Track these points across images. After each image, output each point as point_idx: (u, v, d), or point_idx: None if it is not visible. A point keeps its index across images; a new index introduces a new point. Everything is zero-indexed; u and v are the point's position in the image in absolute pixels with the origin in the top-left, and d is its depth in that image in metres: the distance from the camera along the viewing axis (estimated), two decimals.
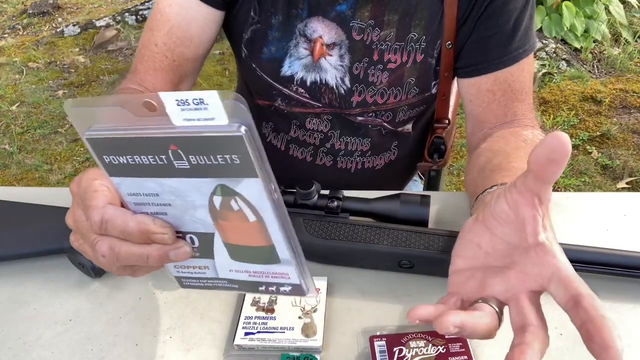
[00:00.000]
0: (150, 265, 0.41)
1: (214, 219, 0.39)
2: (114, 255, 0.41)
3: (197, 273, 0.45)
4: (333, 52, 0.79)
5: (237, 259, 0.42)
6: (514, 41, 0.75)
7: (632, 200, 0.74)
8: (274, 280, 0.43)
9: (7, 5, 3.90)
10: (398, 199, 0.63)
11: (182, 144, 0.34)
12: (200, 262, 0.43)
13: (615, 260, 0.58)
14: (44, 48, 3.28)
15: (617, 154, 2.24)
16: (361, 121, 0.86)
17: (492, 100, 0.77)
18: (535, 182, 0.38)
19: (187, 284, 0.46)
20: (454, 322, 0.37)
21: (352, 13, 0.75)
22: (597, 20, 2.93)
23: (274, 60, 0.81)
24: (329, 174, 0.93)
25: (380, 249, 0.59)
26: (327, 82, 0.81)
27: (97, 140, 0.36)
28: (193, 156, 0.35)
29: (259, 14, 0.78)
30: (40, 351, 0.56)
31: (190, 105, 0.32)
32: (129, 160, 0.36)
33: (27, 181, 2.26)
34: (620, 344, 0.33)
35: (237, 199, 0.37)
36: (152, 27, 0.78)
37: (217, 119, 0.32)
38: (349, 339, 0.56)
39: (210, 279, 0.45)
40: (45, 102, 2.78)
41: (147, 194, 0.39)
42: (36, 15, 3.68)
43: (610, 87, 2.61)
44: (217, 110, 0.32)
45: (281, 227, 0.38)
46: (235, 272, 0.43)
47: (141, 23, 3.42)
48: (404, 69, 0.80)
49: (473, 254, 0.44)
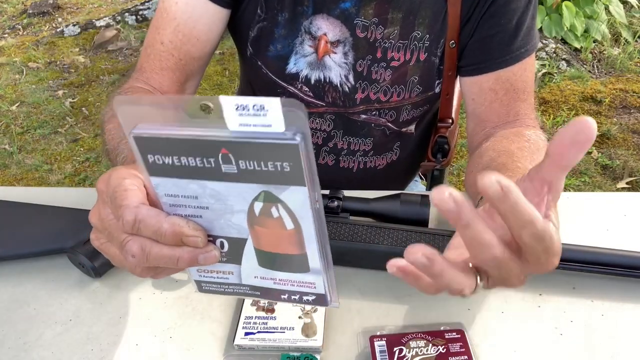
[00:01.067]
0: (179, 267, 0.41)
1: (250, 225, 0.39)
2: (144, 255, 0.40)
3: (220, 278, 0.44)
4: (337, 50, 0.79)
5: (265, 265, 0.41)
6: (516, 40, 0.75)
7: (632, 200, 0.74)
8: (299, 289, 0.42)
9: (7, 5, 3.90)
10: (398, 199, 0.63)
11: (235, 149, 0.34)
12: (226, 267, 0.43)
13: (615, 260, 0.58)
14: (44, 48, 3.28)
15: (617, 154, 2.24)
16: (364, 119, 0.86)
17: (495, 99, 0.77)
18: (550, 168, 0.37)
19: (206, 289, 0.45)
20: (425, 252, 0.35)
21: (357, 10, 0.76)
22: (597, 20, 2.93)
23: (279, 58, 0.81)
24: (330, 173, 0.93)
25: (380, 249, 0.59)
26: (331, 80, 0.81)
27: (144, 139, 0.35)
28: (243, 161, 0.34)
29: (265, 12, 0.78)
30: (40, 351, 0.56)
31: (250, 111, 0.32)
32: (175, 160, 0.36)
33: (27, 181, 2.26)
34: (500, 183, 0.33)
35: (279, 206, 0.36)
36: (158, 25, 0.78)
37: (273, 126, 0.32)
38: (349, 339, 0.56)
39: (233, 285, 0.44)
40: (45, 102, 2.78)
41: (187, 196, 0.38)
42: (36, 15, 3.68)
43: (610, 87, 2.61)
44: (276, 118, 0.32)
45: (317, 237, 0.37)
46: (260, 279, 0.42)
47: (141, 23, 3.42)
48: (407, 67, 0.80)
49: None
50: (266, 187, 0.35)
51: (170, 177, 0.37)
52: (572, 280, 0.61)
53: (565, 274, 0.62)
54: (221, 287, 0.44)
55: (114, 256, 0.43)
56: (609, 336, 0.56)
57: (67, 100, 2.78)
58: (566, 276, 0.62)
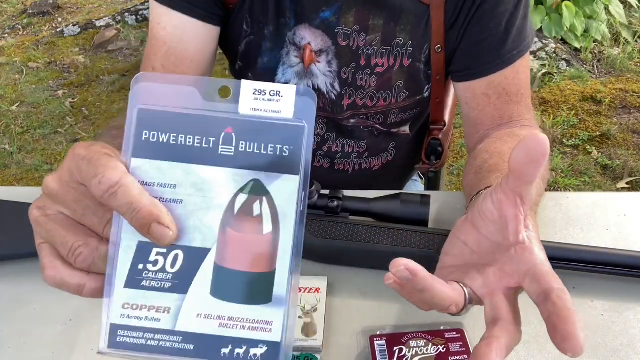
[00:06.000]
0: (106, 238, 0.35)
1: (223, 227, 0.35)
2: (94, 245, 0.35)
3: (149, 320, 0.34)
4: (321, 59, 0.79)
5: (219, 293, 0.35)
6: (506, 44, 0.75)
7: (632, 200, 0.74)
8: (249, 334, 0.34)
9: (7, 5, 3.90)
10: (398, 199, 0.63)
11: (240, 127, 0.35)
12: (165, 300, 0.35)
13: (615, 260, 0.58)
14: (44, 48, 3.28)
15: (617, 154, 2.24)
16: (354, 124, 0.87)
17: (488, 104, 0.77)
18: (515, 182, 0.38)
19: (120, 341, 0.34)
20: (408, 265, 0.36)
21: (337, 19, 0.75)
22: (597, 20, 2.93)
23: (268, 70, 0.81)
24: (326, 176, 0.93)
25: (380, 249, 0.59)
26: (319, 87, 0.81)
27: (149, 112, 0.35)
28: (244, 142, 0.35)
29: (251, 27, 0.78)
30: (40, 351, 0.56)
31: (265, 95, 0.34)
32: (172, 138, 0.35)
33: (27, 181, 2.26)
34: (582, 336, 0.33)
35: (263, 201, 0.35)
36: (149, 54, 0.76)
37: (283, 112, 0.34)
38: (349, 338, 0.56)
39: (161, 333, 0.34)
40: (45, 102, 2.78)
41: (164, 185, 0.35)
42: (36, 15, 3.68)
43: (610, 87, 2.61)
44: (288, 104, 0.34)
45: (293, 247, 0.35)
46: (204, 320, 0.34)
47: (141, 23, 3.42)
48: (391, 73, 0.79)
49: (459, 252, 0.44)
50: (258, 174, 0.35)
51: (155, 159, 0.35)
52: (572, 280, 0.61)
53: (565, 274, 0.61)
54: (142, 339, 0.34)
55: (57, 230, 0.36)
56: (609, 336, 0.56)
57: (67, 100, 2.78)
58: (566, 276, 0.61)
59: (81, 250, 0.35)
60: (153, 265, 0.35)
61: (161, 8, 0.74)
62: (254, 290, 0.35)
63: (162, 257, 0.35)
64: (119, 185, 0.33)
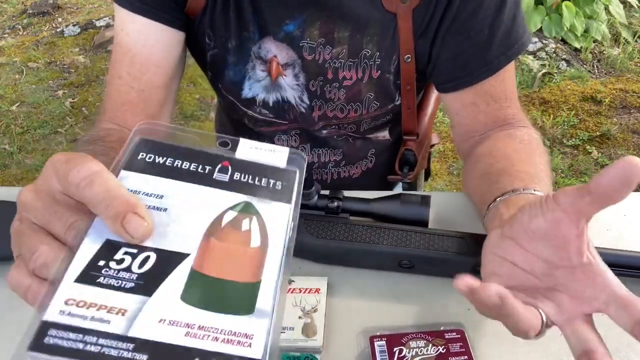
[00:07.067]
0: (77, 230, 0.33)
1: (207, 236, 0.33)
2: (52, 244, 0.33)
3: (95, 321, 0.28)
4: (287, 72, 0.77)
5: (193, 299, 0.30)
6: (490, 50, 0.71)
7: (632, 200, 0.74)
8: (221, 348, 0.29)
9: (7, 5, 3.90)
10: (398, 199, 0.63)
11: (237, 164, 0.38)
12: (122, 301, 0.29)
13: (615, 260, 0.58)
14: (44, 48, 3.28)
15: (617, 154, 2.24)
16: (326, 134, 0.86)
17: (478, 112, 0.75)
18: (594, 204, 0.38)
19: (47, 343, 0.28)
20: (498, 291, 0.36)
21: (301, 33, 0.73)
22: (597, 20, 2.93)
23: (234, 84, 0.79)
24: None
25: (380, 249, 0.59)
26: (288, 100, 0.80)
27: (149, 142, 0.37)
28: (239, 173, 0.37)
29: (214, 40, 0.76)
30: None
31: (261, 150, 0.39)
32: (167, 161, 0.37)
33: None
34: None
35: (253, 219, 0.35)
36: (114, 61, 0.74)
37: (277, 164, 0.39)
38: (349, 339, 0.56)
39: (107, 337, 0.28)
40: (45, 102, 2.78)
41: (149, 194, 0.34)
42: (36, 15, 3.68)
43: (610, 87, 2.61)
44: (281, 159, 0.39)
45: (281, 262, 0.33)
46: (167, 326, 0.29)
47: None
48: (360, 85, 0.77)
49: (509, 272, 0.43)
50: (251, 198, 0.36)
51: (146, 173, 0.35)
52: None
53: None
54: (80, 342, 0.28)
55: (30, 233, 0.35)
56: (609, 336, 0.56)
57: (67, 100, 2.78)
58: None
59: (39, 254, 0.33)
60: (117, 264, 0.31)
61: (124, 13, 0.71)
62: (233, 298, 0.31)
63: (131, 256, 0.31)
64: (97, 175, 0.32)
